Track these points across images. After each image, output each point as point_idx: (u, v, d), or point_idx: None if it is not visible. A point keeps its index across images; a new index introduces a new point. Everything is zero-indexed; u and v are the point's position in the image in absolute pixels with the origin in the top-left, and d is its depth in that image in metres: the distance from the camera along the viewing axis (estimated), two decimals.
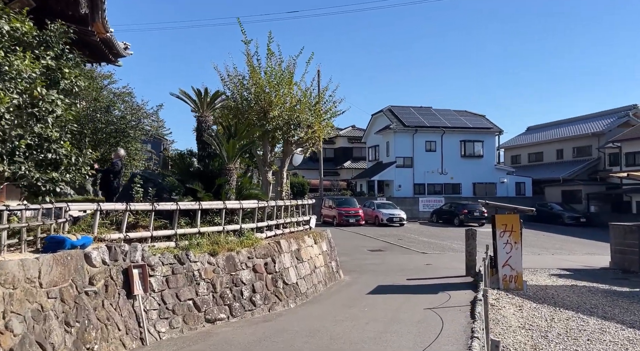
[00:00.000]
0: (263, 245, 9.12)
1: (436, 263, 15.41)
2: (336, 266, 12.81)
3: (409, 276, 12.83)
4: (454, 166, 37.68)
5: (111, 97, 21.08)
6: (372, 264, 15.19)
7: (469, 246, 12.69)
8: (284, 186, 11.82)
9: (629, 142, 32.38)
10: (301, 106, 11.53)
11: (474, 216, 30.92)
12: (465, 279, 12.24)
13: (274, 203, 10.14)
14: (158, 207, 7.36)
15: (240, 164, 20.33)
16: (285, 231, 10.83)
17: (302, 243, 10.77)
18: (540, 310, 8.54)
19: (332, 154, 50.30)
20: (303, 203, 12.06)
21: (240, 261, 8.37)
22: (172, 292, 6.96)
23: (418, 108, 41.11)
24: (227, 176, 9.12)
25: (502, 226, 10.69)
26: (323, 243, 12.26)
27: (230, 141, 9.01)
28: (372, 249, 19.14)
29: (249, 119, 10.96)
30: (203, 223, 8.75)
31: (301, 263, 10.33)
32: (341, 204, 30.64)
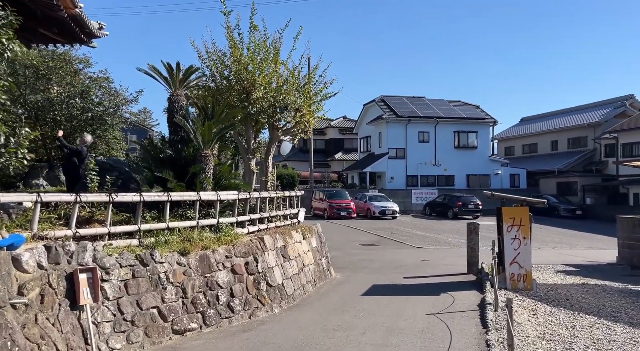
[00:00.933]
0: (244, 242, 8.03)
1: (433, 259, 14.45)
2: (327, 264, 11.76)
3: (406, 274, 11.83)
4: (447, 158, 36.79)
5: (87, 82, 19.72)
6: (365, 260, 14.18)
7: (471, 242, 11.71)
8: (270, 176, 10.70)
9: (626, 133, 31.68)
10: (288, 86, 10.36)
11: (468, 208, 30.12)
12: (468, 277, 11.27)
13: (258, 195, 9.04)
14: (117, 198, 6.22)
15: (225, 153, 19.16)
16: (270, 225, 9.74)
17: (289, 238, 9.69)
18: (557, 314, 7.57)
19: (323, 145, 49.19)
20: (291, 194, 10.97)
21: (216, 260, 7.27)
22: (132, 299, 5.85)
23: (411, 98, 40.08)
24: (202, 164, 7.99)
25: (510, 220, 9.69)
26: (312, 238, 11.20)
27: (206, 124, 7.86)
28: (365, 243, 18.15)
29: (229, 100, 9.80)
30: (174, 217, 7.63)
31: (288, 261, 9.25)
32: (332, 197, 29.62)
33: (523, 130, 44.29)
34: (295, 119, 10.70)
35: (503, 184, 37.47)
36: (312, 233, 11.25)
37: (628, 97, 35.94)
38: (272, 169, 10.95)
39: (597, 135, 35.06)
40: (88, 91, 19.20)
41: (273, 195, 9.91)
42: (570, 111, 40.98)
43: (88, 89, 19.24)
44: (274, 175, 10.84)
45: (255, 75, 9.97)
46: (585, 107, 39.91)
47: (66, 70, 19.11)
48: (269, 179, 10.67)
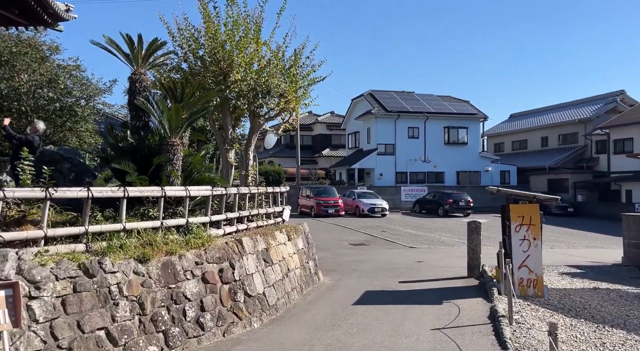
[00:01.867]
0: (218, 245, 6.88)
1: (429, 260, 13.45)
2: (314, 267, 10.67)
3: (401, 278, 10.80)
4: (437, 154, 35.98)
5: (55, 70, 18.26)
6: (356, 262, 13.12)
7: (472, 242, 10.72)
8: (250, 170, 9.55)
9: (618, 129, 31.20)
10: (271, 68, 9.19)
11: (459, 206, 29.32)
12: (469, 281, 10.28)
13: (236, 190, 7.90)
14: (55, 194, 5.02)
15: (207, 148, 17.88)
16: (250, 225, 8.60)
17: (272, 240, 8.56)
18: (580, 328, 6.59)
19: (310, 141, 48.04)
20: (274, 191, 9.83)
21: (184, 268, 6.11)
22: (71, 320, 4.67)
23: (400, 93, 39.16)
24: (169, 154, 6.81)
25: (519, 219, 8.70)
26: (299, 239, 10.09)
27: (173, 107, 6.68)
28: (355, 243, 17.10)
29: (204, 83, 8.59)
30: (133, 216, 6.45)
31: (270, 266, 8.13)
32: (319, 194, 28.52)
33: (512, 126, 43.74)
34: (279, 106, 9.54)
35: (493, 181, 36.77)
36: (298, 234, 10.14)
37: (619, 92, 35.51)
38: (254, 162, 9.80)
39: (588, 131, 34.57)
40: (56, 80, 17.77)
41: (254, 191, 8.78)
42: (560, 107, 40.49)
43: (56, 77, 17.80)
44: (256, 169, 9.69)
45: (234, 54, 8.77)
46: (575, 103, 39.46)
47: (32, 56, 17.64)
48: (250, 173, 9.51)
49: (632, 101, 35.04)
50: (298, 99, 9.86)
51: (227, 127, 9.35)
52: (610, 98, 35.35)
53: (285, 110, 9.80)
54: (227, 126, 9.35)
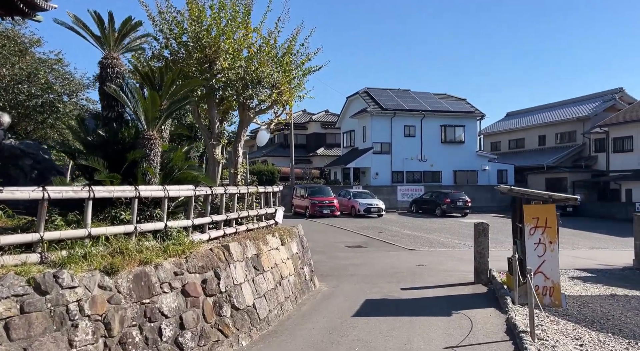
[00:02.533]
0: (202, 252, 6.07)
1: (430, 263, 12.72)
2: (310, 273, 9.88)
3: (402, 284, 10.05)
4: (434, 153, 35.31)
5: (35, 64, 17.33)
6: (353, 266, 12.36)
7: (479, 245, 9.98)
8: (240, 168, 8.71)
9: (617, 127, 30.67)
10: (262, 56, 8.36)
11: (457, 205, 28.67)
12: (477, 288, 9.54)
13: (223, 190, 7.09)
14: (2, 195, 4.20)
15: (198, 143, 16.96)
16: (240, 229, 7.79)
17: (263, 245, 7.76)
18: (610, 345, 5.87)
19: (304, 140, 47.26)
20: (266, 190, 9.02)
21: (160, 279, 5.30)
22: (16, 348, 3.85)
23: (396, 90, 38.46)
24: (146, 149, 5.98)
25: (533, 221, 7.96)
26: (293, 243, 9.29)
27: (149, 95, 5.84)
28: (351, 245, 16.34)
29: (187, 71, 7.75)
30: (102, 220, 5.63)
31: (261, 274, 7.33)
32: (314, 194, 27.73)
33: (509, 125, 43.20)
34: (271, 97, 8.72)
35: (490, 180, 36.20)
36: (292, 237, 9.34)
37: (617, 90, 35.04)
38: (244, 159, 8.98)
39: (587, 129, 34.05)
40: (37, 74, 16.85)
41: (244, 191, 7.96)
42: (557, 105, 40.00)
43: (37, 71, 16.88)
44: (246, 167, 8.87)
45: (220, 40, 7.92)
46: (573, 101, 38.97)
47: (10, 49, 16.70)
48: (239, 171, 8.68)
49: (631, 99, 34.57)
50: (292, 91, 9.04)
51: (214, 120, 8.50)
52: (609, 96, 34.85)
53: (278, 102, 8.98)
54: (214, 119, 8.50)
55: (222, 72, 8.03)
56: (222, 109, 8.88)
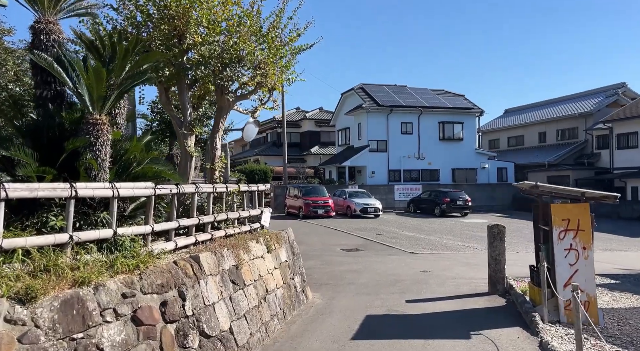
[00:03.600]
0: (162, 267, 4.81)
1: (435, 269, 11.52)
2: (301, 283, 8.63)
3: (407, 295, 8.84)
4: (432, 150, 34.18)
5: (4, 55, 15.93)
6: (351, 272, 11.14)
7: (494, 251, 8.77)
8: (218, 163, 7.43)
9: (621, 123, 29.62)
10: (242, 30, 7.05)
11: (457, 205, 27.53)
12: (493, 300, 8.33)
13: (194, 189, 5.83)
14: None
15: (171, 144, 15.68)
16: (216, 234, 6.53)
17: (244, 253, 6.50)
18: None
19: (298, 138, 46.03)
20: (250, 189, 7.76)
21: (101, 304, 4.04)
22: None
23: (392, 86, 37.29)
24: (90, 136, 4.72)
25: (563, 223, 6.76)
26: (281, 249, 8.04)
27: (92, 69, 4.55)
28: (348, 248, 15.12)
29: (152, 46, 6.45)
30: (28, 227, 4.35)
31: (241, 289, 6.07)
32: (308, 193, 26.48)
33: (508, 122, 42.17)
34: (254, 80, 7.45)
35: (490, 179, 35.17)
36: (280, 242, 8.09)
37: (620, 85, 34.05)
38: (223, 152, 7.70)
39: (589, 126, 33.01)
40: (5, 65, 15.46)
41: (221, 190, 6.71)
42: (558, 101, 38.99)
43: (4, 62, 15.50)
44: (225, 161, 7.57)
45: (192, 9, 6.63)
46: (574, 96, 37.96)
47: None
48: (217, 167, 7.39)
49: (634, 94, 33.60)
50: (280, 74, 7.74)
51: (185, 105, 7.19)
52: (612, 91, 33.85)
53: (263, 86, 7.71)
54: (185, 103, 7.19)
55: (194, 47, 6.78)
56: (197, 94, 7.62)
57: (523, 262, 11.52)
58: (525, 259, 12.38)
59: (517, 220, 25.75)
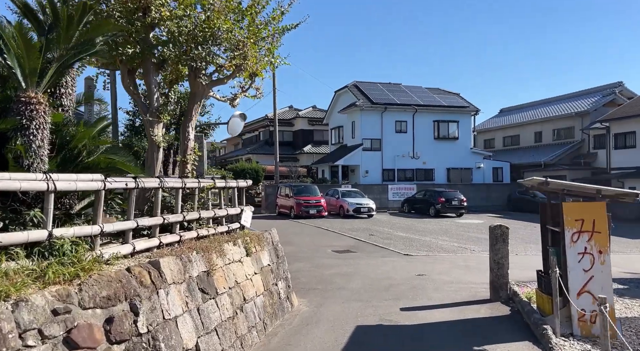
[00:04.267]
0: (110, 275, 4.01)
1: (431, 273, 10.79)
2: (286, 289, 7.85)
3: (402, 302, 8.09)
4: (426, 150, 33.51)
5: None
6: (341, 276, 10.40)
7: (497, 254, 8.04)
8: (190, 155, 6.61)
9: (619, 122, 29.14)
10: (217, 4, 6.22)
11: (452, 205, 26.88)
12: (496, 308, 7.61)
13: (157, 183, 5.04)
14: None
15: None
16: (186, 236, 5.73)
17: (218, 257, 5.72)
18: None
19: (291, 137, 45.24)
20: (228, 185, 6.96)
21: (22, 324, 3.23)
22: None
23: (387, 84, 36.60)
24: (22, 118, 3.92)
25: (576, 223, 6.04)
26: (263, 252, 7.26)
27: (21, 36, 3.74)
28: (339, 249, 14.37)
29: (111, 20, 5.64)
30: None
31: (213, 299, 5.29)
32: (300, 193, 25.72)
33: (503, 121, 41.63)
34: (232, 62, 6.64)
35: (485, 179, 34.57)
36: (262, 245, 7.31)
37: (617, 84, 33.59)
38: (196, 143, 6.89)
39: (586, 125, 32.50)
40: None
41: (192, 185, 5.92)
42: (554, 101, 38.50)
43: None
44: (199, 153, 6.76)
45: None
46: (570, 96, 37.48)
47: None
48: (190, 159, 6.57)
49: (631, 93, 33.15)
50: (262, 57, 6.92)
51: (152, 88, 6.35)
52: (608, 90, 33.37)
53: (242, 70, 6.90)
54: (151, 86, 6.35)
55: (161, 22, 5.97)
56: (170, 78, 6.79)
57: (523, 265, 10.84)
58: (525, 262, 11.70)
59: (514, 221, 25.12)
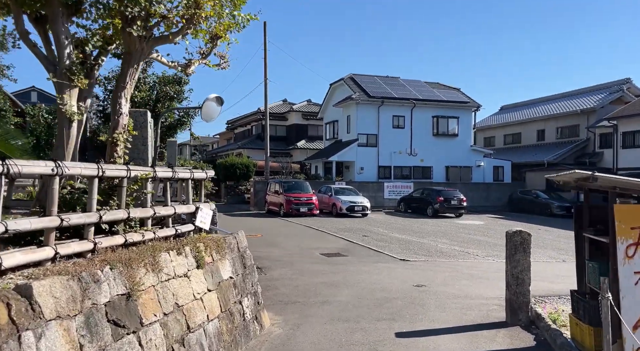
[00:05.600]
0: None
1: (432, 283, 9.29)
2: (253, 307, 6.31)
3: (399, 322, 6.58)
4: (424, 146, 32.03)
5: None
6: (327, 286, 8.89)
7: (516, 266, 6.52)
8: (122, 133, 5.00)
9: (628, 120, 27.73)
10: None
11: (450, 204, 25.43)
12: (515, 334, 6.10)
13: (48, 169, 3.49)
14: None
15: None
16: (104, 243, 4.17)
17: (149, 273, 4.17)
18: None
19: (284, 132, 43.66)
20: (176, 176, 5.38)
21: None
22: None
23: (384, 78, 35.07)
24: None
25: (633, 233, 4.54)
26: (223, 262, 5.71)
27: None
28: (328, 252, 12.86)
29: None
30: None
31: (133, 334, 3.74)
32: (290, 189, 24.22)
33: (504, 119, 40.22)
34: (182, 13, 5.07)
35: (486, 178, 33.14)
36: (223, 252, 5.76)
37: (625, 81, 32.18)
38: (131, 119, 5.29)
39: (592, 123, 31.10)
40: None
41: (115, 173, 4.36)
42: (558, 98, 37.07)
43: None
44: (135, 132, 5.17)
45: None
46: (575, 93, 36.06)
47: None
48: (121, 139, 4.99)
49: (639, 91, 31.76)
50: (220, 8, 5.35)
51: (61, 40, 4.70)
52: (616, 87, 31.96)
53: (194, 24, 5.34)
54: (59, 36, 4.70)
55: None
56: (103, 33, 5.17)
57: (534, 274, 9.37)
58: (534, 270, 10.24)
59: (516, 222, 23.70)
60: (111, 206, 4.26)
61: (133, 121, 5.36)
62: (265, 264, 10.94)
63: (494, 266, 11.48)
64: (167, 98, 14.08)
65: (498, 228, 20.81)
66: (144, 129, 5.64)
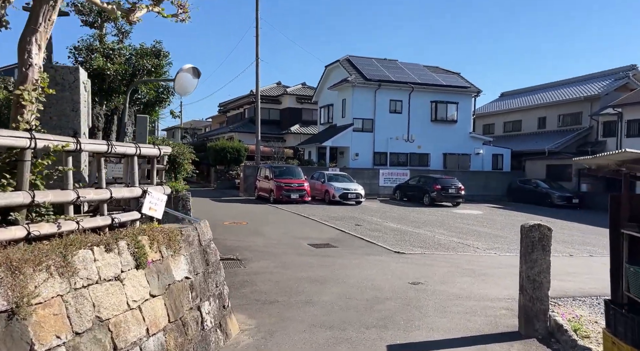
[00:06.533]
0: None
1: (430, 280, 8.27)
2: (217, 312, 5.23)
3: (390, 332, 5.54)
4: (422, 132, 30.90)
5: None
6: (312, 282, 7.85)
7: (533, 267, 5.45)
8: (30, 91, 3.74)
9: (633, 107, 26.62)
10: None
11: (448, 193, 24.46)
12: (531, 348, 5.07)
13: None
14: None
15: None
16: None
17: (52, 278, 3.07)
18: None
19: (278, 116, 42.38)
20: (112, 150, 4.23)
21: None
22: None
23: (382, 60, 33.74)
24: None
25: None
26: (177, 258, 4.61)
27: None
28: (317, 243, 11.82)
29: None
30: None
31: None
32: (281, 175, 23.10)
33: (504, 106, 39.02)
34: None
35: (484, 166, 32.13)
36: (176, 247, 4.65)
37: (630, 67, 30.98)
38: (45, 73, 4.11)
39: (595, 111, 30.00)
40: None
41: (16, 143, 3.23)
42: (560, 85, 35.87)
43: None
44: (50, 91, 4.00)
45: None
46: (578, 79, 34.87)
47: None
48: (31, 96, 3.79)
49: None
50: None
51: None
52: (622, 73, 30.78)
53: None
54: None
55: None
56: None
57: None
58: None
59: (515, 212, 22.80)
60: (2, 185, 3.13)
61: (60, 80, 4.21)
62: (246, 255, 9.89)
63: (496, 261, 10.50)
64: (145, 72, 12.83)
65: (498, 218, 19.85)
66: (74, 91, 4.50)
